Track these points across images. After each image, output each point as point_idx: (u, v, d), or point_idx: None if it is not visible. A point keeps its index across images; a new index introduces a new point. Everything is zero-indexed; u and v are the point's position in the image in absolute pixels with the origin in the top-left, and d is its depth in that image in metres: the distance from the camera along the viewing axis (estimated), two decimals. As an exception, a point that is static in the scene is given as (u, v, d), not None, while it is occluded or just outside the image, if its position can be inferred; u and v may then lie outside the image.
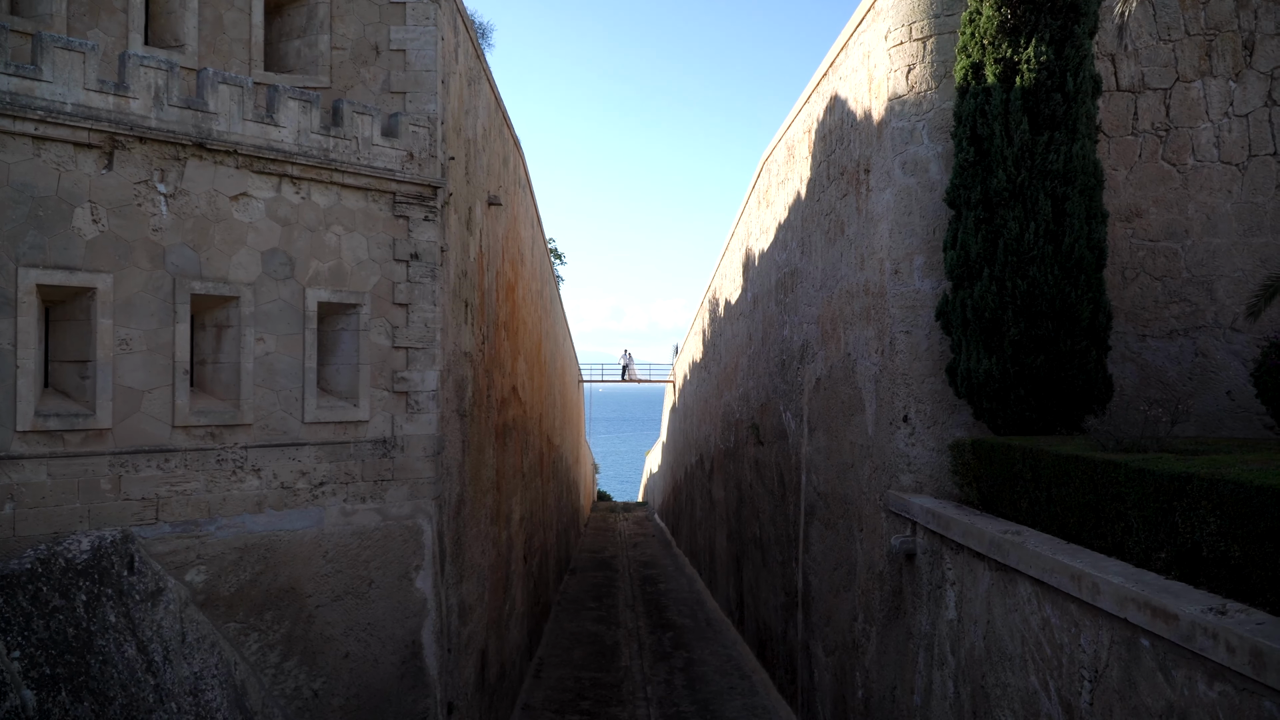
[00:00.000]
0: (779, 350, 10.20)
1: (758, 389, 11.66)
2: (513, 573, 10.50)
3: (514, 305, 11.00)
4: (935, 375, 6.23)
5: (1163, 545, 3.74)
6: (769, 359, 10.86)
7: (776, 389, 10.27)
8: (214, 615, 5.32)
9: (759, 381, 11.58)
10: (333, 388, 6.16)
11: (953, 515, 5.39)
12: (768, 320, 10.98)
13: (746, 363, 12.72)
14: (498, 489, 9.37)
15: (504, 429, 9.89)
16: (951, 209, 6.08)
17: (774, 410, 10.38)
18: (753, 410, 12.04)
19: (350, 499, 6.05)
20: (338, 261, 6.04)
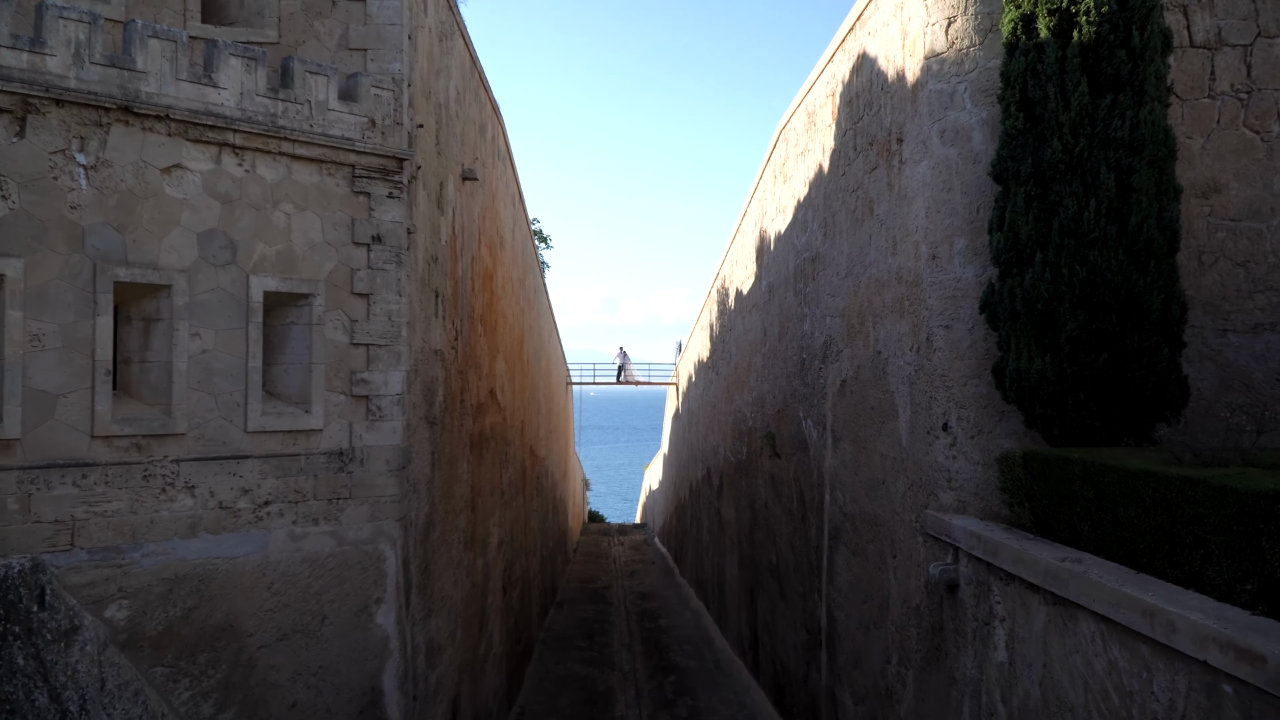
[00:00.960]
0: (798, 348, 10.16)
1: (774, 393, 11.63)
2: (490, 606, 10.44)
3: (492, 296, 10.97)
4: (980, 376, 6.18)
5: (1248, 576, 3.68)
6: (786, 358, 10.83)
7: (795, 393, 10.24)
8: (138, 658, 5.24)
9: (775, 384, 11.55)
10: (280, 391, 6.10)
11: (1001, 540, 5.34)
12: (785, 313, 10.95)
13: (760, 362, 12.68)
14: (473, 509, 9.31)
15: (480, 439, 9.84)
16: (998, 184, 6.03)
17: (792, 417, 10.35)
18: (768, 417, 12.00)
19: (300, 521, 5.99)
20: (287, 245, 5.98)
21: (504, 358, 12.16)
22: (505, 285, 12.39)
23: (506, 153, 12.47)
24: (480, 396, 9.83)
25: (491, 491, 10.74)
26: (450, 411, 8.07)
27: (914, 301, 6.61)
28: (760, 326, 12.81)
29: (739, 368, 14.87)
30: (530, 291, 16.55)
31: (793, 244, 10.48)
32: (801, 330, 9.98)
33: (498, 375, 11.42)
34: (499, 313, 11.60)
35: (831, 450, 8.60)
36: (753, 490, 13.14)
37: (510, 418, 12.86)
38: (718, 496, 17.40)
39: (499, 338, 11.61)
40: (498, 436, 11.32)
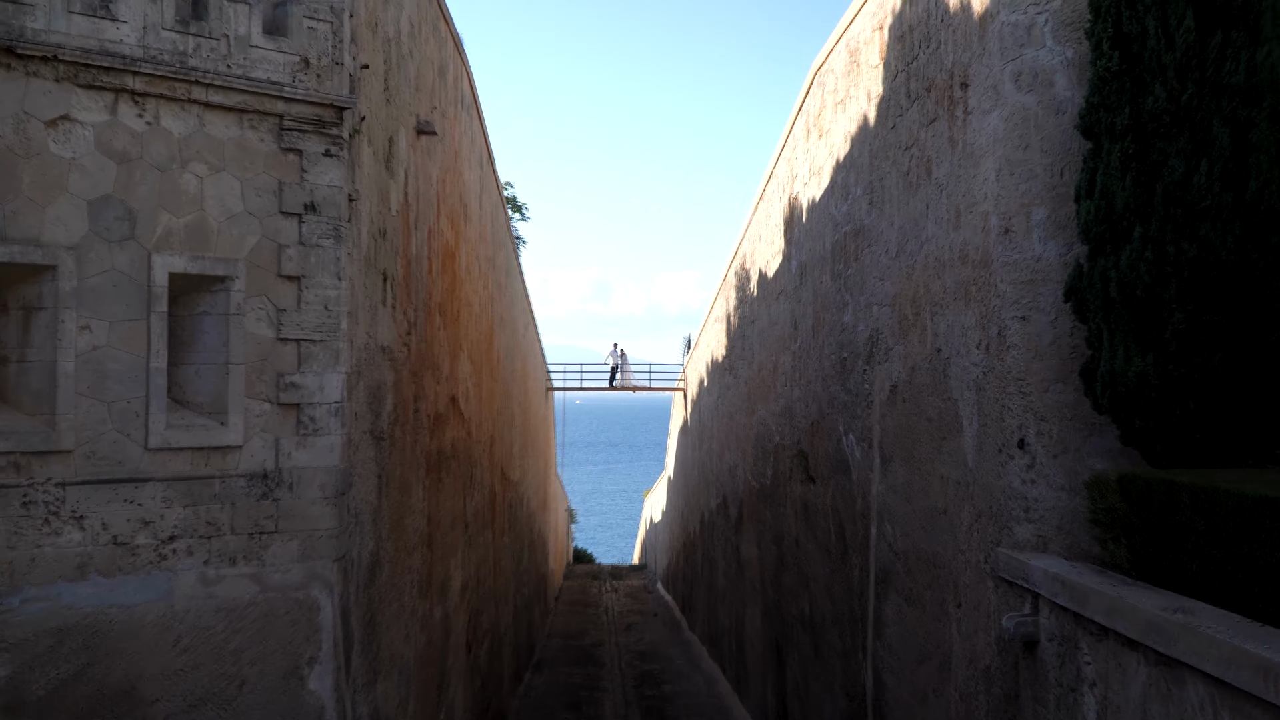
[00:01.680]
0: (837, 345, 10.22)
1: (806, 401, 11.69)
2: (451, 667, 10.47)
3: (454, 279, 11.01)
4: (1064, 380, 6.23)
5: (1397, 627, 3.73)
6: (822, 357, 10.88)
7: (834, 401, 10.29)
8: (18, 729, 5.27)
9: (808, 390, 11.61)
10: (190, 398, 6.13)
11: (1092, 584, 5.38)
12: (821, 301, 11.01)
13: (790, 363, 12.74)
14: (429, 545, 9.35)
15: (439, 458, 9.88)
16: (1087, 140, 6.07)
17: (830, 431, 10.40)
18: (799, 431, 12.06)
19: (214, 560, 6.02)
20: (198, 215, 6.00)
21: (469, 356, 12.20)
22: (471, 266, 12.43)
23: (473, 100, 12.50)
24: (439, 405, 9.87)
25: (453, 524, 10.77)
26: (401, 424, 8.11)
27: (982, 286, 6.65)
28: (789, 318, 12.86)
29: (763, 369, 14.92)
30: (502, 274, 16.60)
31: (830, 214, 10.52)
32: (841, 322, 10.03)
33: (461, 379, 11.46)
34: (463, 300, 11.64)
35: (879, 473, 8.64)
36: (780, 523, 13.18)
37: (476, 431, 12.90)
38: (736, 530, 17.45)
39: (463, 332, 11.65)
40: (461, 455, 11.36)
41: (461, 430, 11.43)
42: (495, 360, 15.40)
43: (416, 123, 8.67)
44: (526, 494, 21.91)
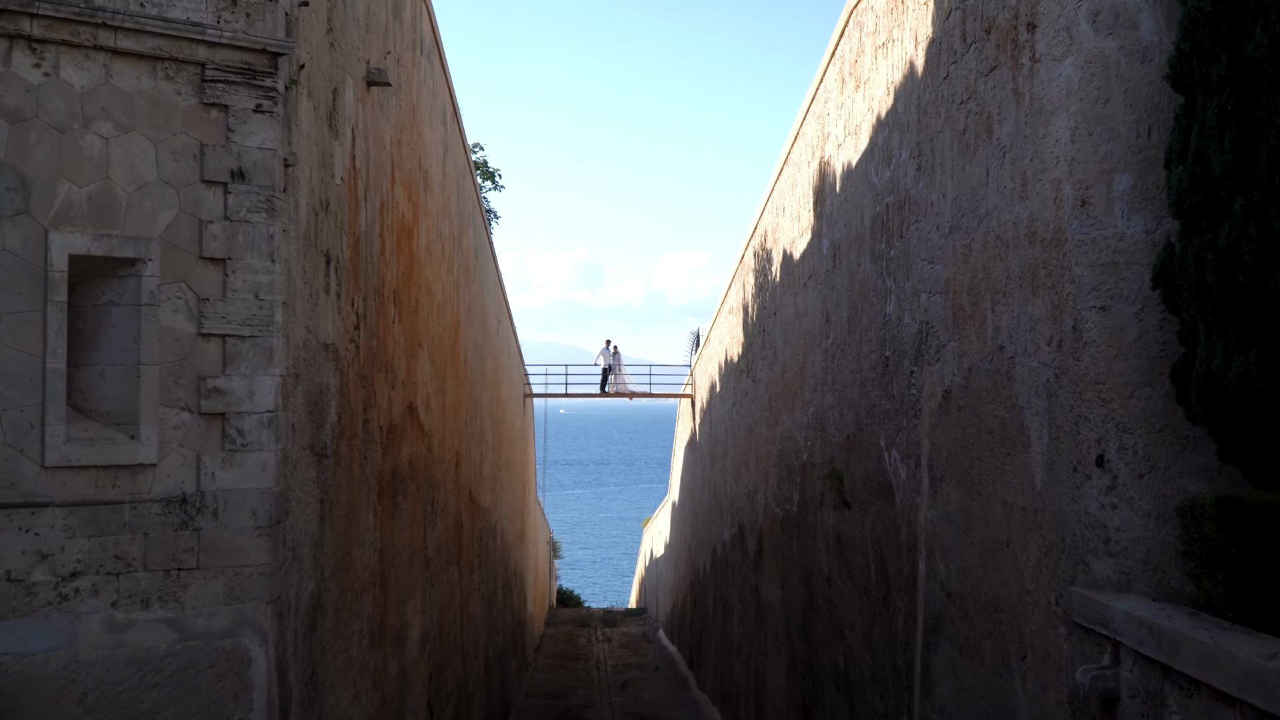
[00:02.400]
0: (878, 341, 10.31)
1: (840, 410, 11.78)
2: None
3: (412, 262, 11.09)
4: (1152, 384, 6.31)
5: None
6: (860, 356, 10.98)
7: (874, 409, 10.38)
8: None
9: (843, 396, 11.70)
10: (95, 405, 6.20)
11: (1183, 630, 5.46)
12: (858, 287, 11.10)
13: (820, 363, 12.84)
14: (382, 586, 9.43)
15: (394, 479, 9.97)
16: (1179, 93, 6.16)
17: (869, 447, 10.48)
18: (831, 447, 12.15)
19: (125, 602, 6.10)
20: (104, 184, 6.08)
21: (429, 356, 12.28)
22: (432, 245, 12.52)
23: (435, 44, 12.58)
24: (394, 415, 9.96)
25: (411, 560, 10.86)
26: (348, 438, 8.19)
27: (1054, 270, 6.73)
28: (819, 308, 12.96)
29: (787, 371, 15.02)
30: (469, 255, 16.69)
31: (869, 182, 10.61)
32: (883, 314, 10.12)
33: (420, 383, 11.55)
34: (422, 287, 11.73)
35: (929, 497, 8.73)
36: (808, 558, 13.28)
37: (439, 447, 12.99)
38: (754, 567, 17.54)
39: (422, 325, 11.74)
40: (420, 476, 11.45)
41: (421, 445, 11.51)
42: (462, 360, 15.48)
43: (366, 72, 8.74)
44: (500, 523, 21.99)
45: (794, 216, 14.73)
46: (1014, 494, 7.19)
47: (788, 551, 14.63)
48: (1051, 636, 6.67)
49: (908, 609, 9.24)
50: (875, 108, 10.41)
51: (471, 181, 17.26)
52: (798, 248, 14.41)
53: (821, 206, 12.90)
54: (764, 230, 17.41)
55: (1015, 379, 7.19)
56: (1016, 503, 7.16)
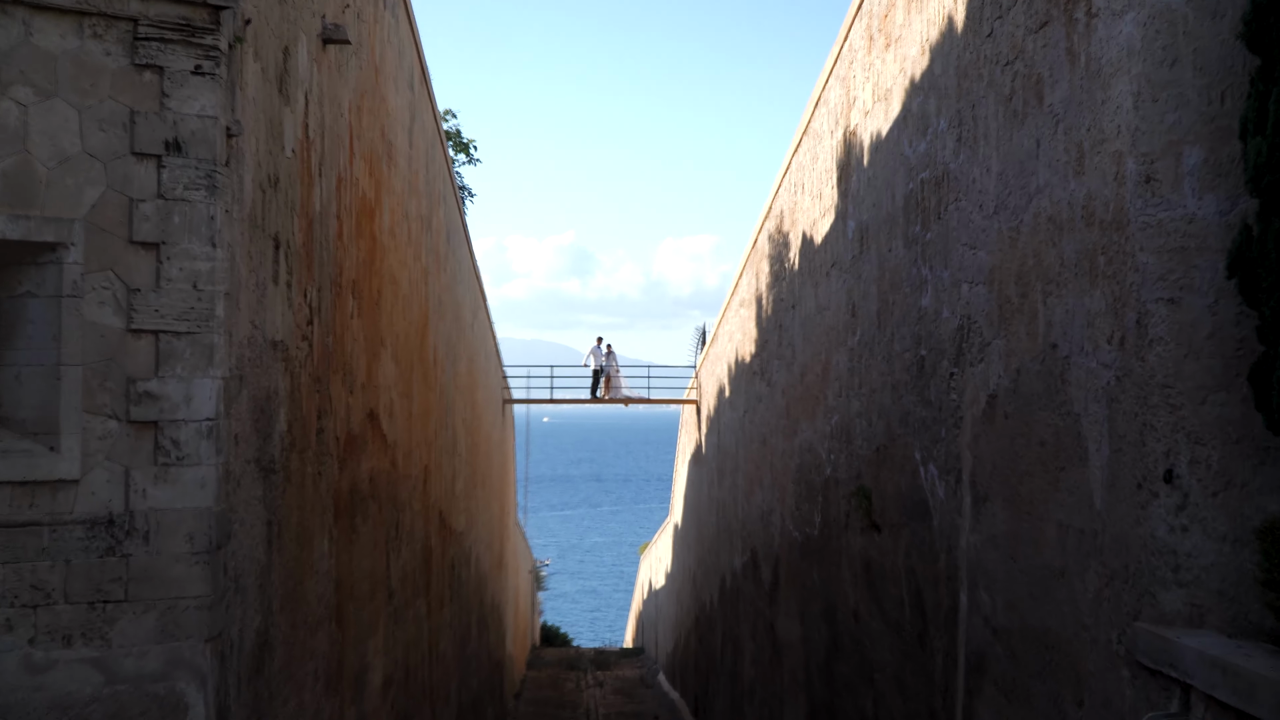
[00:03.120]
0: (912, 338, 10.37)
1: (869, 417, 11.84)
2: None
3: (374, 247, 11.15)
4: (1228, 388, 6.35)
5: None
6: (892, 356, 11.03)
7: (907, 417, 10.44)
8: None
9: (871, 402, 11.76)
10: (9, 412, 6.25)
11: (1263, 671, 5.48)
12: (889, 277, 11.16)
13: (846, 364, 12.91)
14: (339, 622, 9.50)
15: (353, 499, 10.03)
16: (1254, 53, 6.20)
17: (902, 460, 10.55)
18: (859, 460, 12.22)
19: (43, 639, 6.15)
20: (22, 158, 6.13)
21: (393, 356, 12.34)
22: (397, 228, 12.57)
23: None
24: (352, 424, 10.02)
25: (372, 592, 10.92)
26: (300, 450, 8.26)
27: (1115, 257, 6.79)
28: (844, 300, 13.02)
29: (808, 374, 15.09)
30: (440, 239, 16.75)
31: (902, 155, 10.67)
32: (918, 308, 10.18)
33: (383, 387, 11.61)
34: (386, 276, 11.79)
35: (970, 518, 8.79)
36: (832, 589, 13.35)
37: (404, 462, 13.05)
38: (770, 600, 17.60)
39: (385, 320, 11.80)
40: (383, 494, 11.51)
41: (384, 459, 11.57)
42: (431, 361, 15.53)
43: (322, 28, 8.79)
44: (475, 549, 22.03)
45: (815, 194, 14.79)
46: (1069, 515, 7.23)
47: (808, 582, 14.69)
48: (1112, 679, 6.71)
49: (946, 648, 9.29)
50: (908, 69, 10.47)
51: (443, 154, 17.32)
52: (819, 231, 14.46)
53: (846, 183, 12.96)
54: (780, 210, 17.47)
55: (1070, 382, 7.24)
56: (1072, 525, 7.20)
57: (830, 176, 13.80)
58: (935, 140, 9.69)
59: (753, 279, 20.50)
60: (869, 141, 11.98)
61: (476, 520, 22.79)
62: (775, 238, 17.87)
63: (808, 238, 15.21)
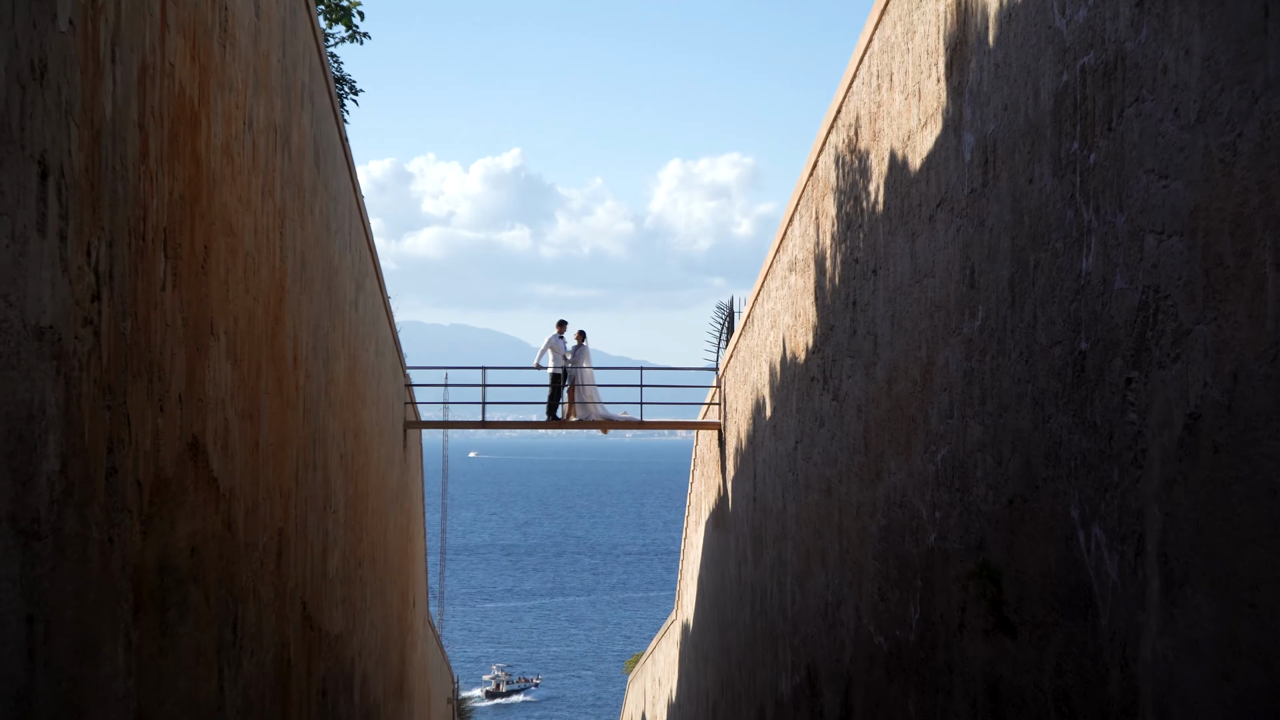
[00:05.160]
0: (1065, 321, 10.28)
1: (997, 450, 11.77)
2: None
3: (199, 177, 11.07)
4: None
5: None
6: (1033, 352, 10.96)
7: (1057, 450, 10.36)
8: None
9: (1000, 425, 11.70)
10: None
11: None
12: (1028, 223, 11.09)
13: (959, 364, 12.85)
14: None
15: (163, 581, 9.96)
16: None
17: (1049, 518, 10.48)
18: (979, 520, 12.16)
19: None
20: None
21: (230, 351, 12.26)
22: (237, 146, 12.49)
23: None
24: (165, 460, 9.93)
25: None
26: (82, 502, 8.17)
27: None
28: (958, 261, 12.95)
29: (897, 380, 15.03)
30: (305, 163, 16.69)
31: (1050, 29, 10.62)
32: (1075, 272, 10.10)
33: (213, 401, 11.53)
34: (218, 224, 11.70)
35: (1160, 612, 8.71)
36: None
37: (248, 523, 12.98)
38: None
39: (218, 295, 11.72)
40: (213, 575, 11.44)
41: (214, 518, 11.50)
42: (289, 360, 15.47)
43: None
44: (362, 665, 21.99)
45: (910, 92, 14.78)
46: (1320, 608, 7.21)
47: (898, 717, 14.67)
48: None
49: (1122, 822, 9.26)
50: (1061, -112, 10.45)
51: (310, 25, 17.25)
52: (917, 149, 14.44)
53: (961, 73, 12.93)
54: (854, 118, 17.44)
55: (1322, 393, 7.22)
56: (1325, 625, 7.17)
57: (935, 63, 13.76)
58: (1103, 5, 9.66)
59: (808, 228, 20.50)
60: (997, 6, 11.96)
61: (363, 618, 22.76)
62: (845, 161, 17.86)
63: (898, 161, 15.20)
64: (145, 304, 9.51)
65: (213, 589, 11.50)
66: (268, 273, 14.15)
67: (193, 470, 10.83)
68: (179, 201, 10.42)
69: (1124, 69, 9.41)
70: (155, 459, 9.79)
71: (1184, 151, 8.59)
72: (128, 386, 9.16)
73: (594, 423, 32.13)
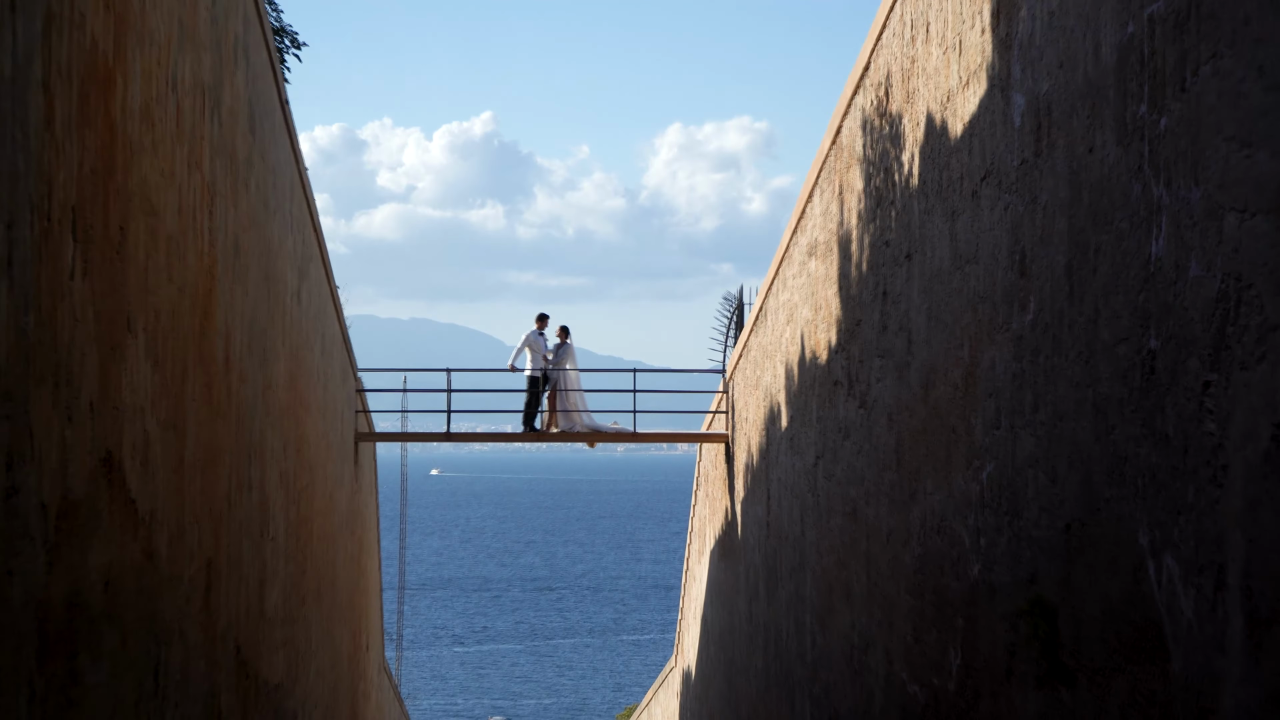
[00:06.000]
0: (1131, 315, 10.29)
1: (1050, 467, 11.78)
2: None
3: (115, 145, 11.07)
4: None
5: None
6: (1093, 350, 10.96)
7: (1121, 466, 10.37)
8: None
9: (1055, 436, 11.70)
10: None
11: None
12: (1088, 199, 11.10)
13: (1007, 364, 12.87)
14: None
15: (75, 621, 9.94)
16: None
17: (1113, 547, 10.49)
18: (1031, 549, 12.18)
19: None
20: None
21: (150, 352, 12.26)
22: (159, 110, 12.49)
23: None
24: (74, 479, 9.92)
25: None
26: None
27: None
28: (1006, 244, 12.96)
29: (935, 383, 15.04)
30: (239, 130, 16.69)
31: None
32: (1142, 257, 10.11)
33: (130, 410, 11.53)
34: (136, 201, 11.70)
35: (1244, 657, 8.71)
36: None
37: (172, 552, 12.98)
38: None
39: (136, 284, 11.72)
40: (131, 614, 11.43)
41: (133, 546, 11.49)
42: (220, 361, 15.47)
43: None
44: (306, 717, 21.99)
45: (948, 44, 14.79)
46: None
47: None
48: None
49: None
50: None
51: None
52: (957, 112, 14.46)
53: (1009, 22, 12.95)
54: (882, 75, 17.45)
55: None
56: None
57: (979, 10, 13.78)
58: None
59: (831, 205, 20.54)
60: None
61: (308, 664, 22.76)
62: (874, 127, 17.89)
63: (936, 126, 15.22)
64: (51, 295, 9.52)
65: (131, 629, 11.49)
66: (195, 259, 14.15)
67: (107, 490, 10.84)
68: (90, 175, 10.43)
69: (1199, 19, 9.44)
70: (63, 477, 9.79)
71: (1269, 116, 8.62)
72: (30, 392, 9.16)
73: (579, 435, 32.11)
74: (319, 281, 25.44)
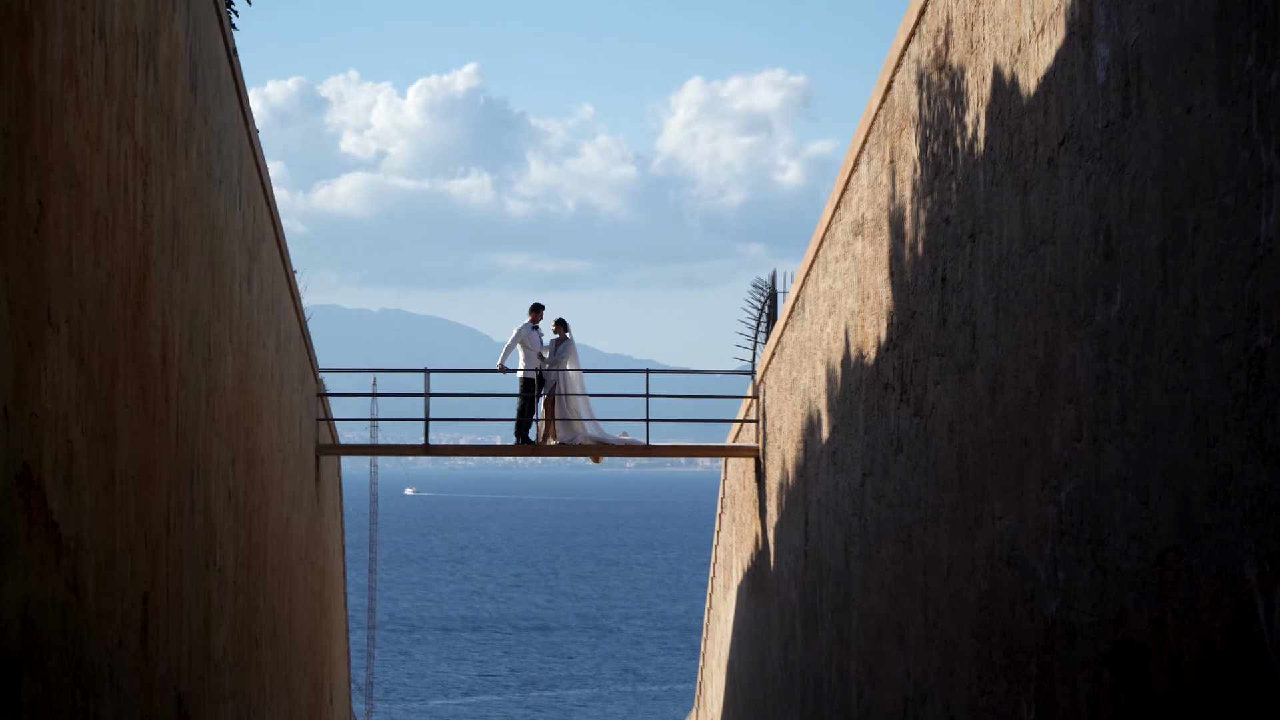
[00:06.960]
0: (1236, 306, 10.31)
1: (1140, 486, 11.79)
2: None
3: (32, 103, 11.14)
4: None
5: None
6: (1190, 348, 10.97)
7: (1224, 486, 10.39)
8: None
9: (1145, 451, 11.71)
10: None
11: None
12: (1185, 168, 11.13)
13: (1090, 364, 12.89)
14: None
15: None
16: None
17: (1214, 582, 10.53)
18: (1118, 583, 12.21)
19: None
20: None
21: (73, 347, 12.31)
22: (82, 62, 12.55)
23: None
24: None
25: None
26: None
27: None
28: (1088, 222, 12.99)
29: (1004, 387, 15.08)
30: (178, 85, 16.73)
31: None
32: (1250, 237, 10.16)
33: (50, 417, 11.59)
34: (57, 169, 11.76)
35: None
36: None
37: (101, 585, 13.03)
38: None
39: (56, 270, 11.78)
40: (55, 658, 11.49)
41: (55, 577, 11.54)
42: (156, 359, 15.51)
43: None
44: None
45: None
46: None
47: None
48: None
49: None
50: None
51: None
52: (1029, 65, 14.49)
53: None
54: (941, 21, 17.46)
55: None
56: None
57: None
58: None
59: (880, 175, 20.57)
60: None
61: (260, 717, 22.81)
62: (931, 82, 17.92)
63: (1005, 82, 15.26)
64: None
65: (54, 675, 11.55)
66: (126, 238, 14.19)
67: (24, 512, 10.89)
68: (1, 139, 10.48)
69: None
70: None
71: None
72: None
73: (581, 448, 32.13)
74: (273, 265, 25.47)
